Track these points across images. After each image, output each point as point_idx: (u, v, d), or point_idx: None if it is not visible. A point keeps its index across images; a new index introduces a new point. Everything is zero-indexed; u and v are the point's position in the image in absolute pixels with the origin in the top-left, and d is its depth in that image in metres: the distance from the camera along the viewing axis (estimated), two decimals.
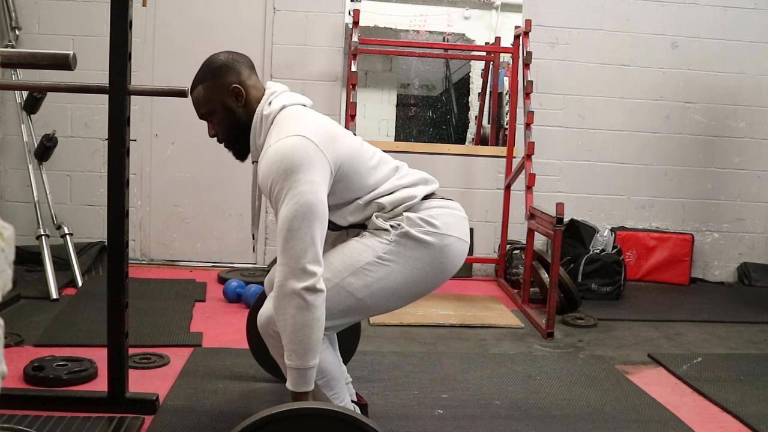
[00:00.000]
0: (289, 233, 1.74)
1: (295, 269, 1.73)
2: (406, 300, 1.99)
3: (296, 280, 1.73)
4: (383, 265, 1.90)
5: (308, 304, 1.73)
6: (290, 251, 1.74)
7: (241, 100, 1.97)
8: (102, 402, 2.30)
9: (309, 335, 1.74)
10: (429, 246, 1.92)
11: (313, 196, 1.76)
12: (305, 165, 1.77)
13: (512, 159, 4.49)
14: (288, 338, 1.76)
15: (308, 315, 1.73)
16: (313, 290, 1.74)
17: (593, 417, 2.50)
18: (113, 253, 2.26)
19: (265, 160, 1.82)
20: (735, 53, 4.73)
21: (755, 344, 3.52)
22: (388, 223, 1.92)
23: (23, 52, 1.45)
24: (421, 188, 2.01)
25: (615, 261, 4.28)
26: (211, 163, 4.50)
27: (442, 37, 4.72)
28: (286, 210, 1.75)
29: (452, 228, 1.97)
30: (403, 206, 1.95)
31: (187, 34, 4.40)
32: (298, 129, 1.83)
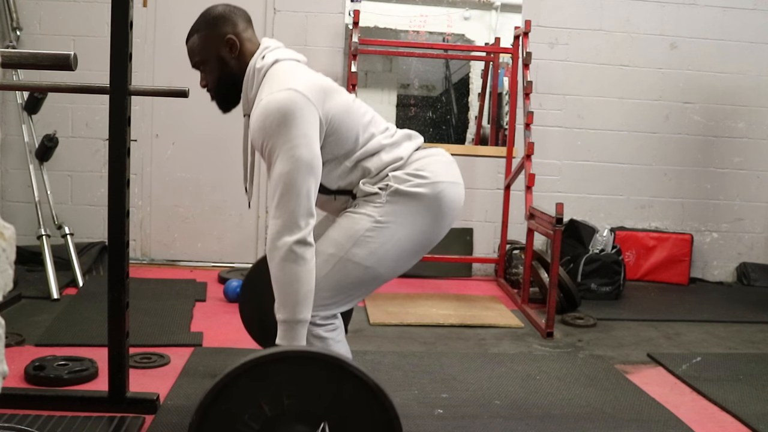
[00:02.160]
0: (284, 187, 1.75)
1: (288, 223, 1.75)
2: (415, 257, 1.99)
3: (289, 233, 1.74)
4: (383, 228, 1.89)
5: (298, 257, 1.74)
6: (284, 205, 1.75)
7: (234, 51, 1.96)
8: (102, 401, 2.31)
9: (298, 288, 1.75)
10: (422, 197, 1.92)
11: (308, 150, 1.77)
12: (298, 119, 1.76)
13: (512, 159, 4.50)
14: (279, 291, 1.77)
15: (299, 268, 1.75)
16: (304, 243, 1.75)
17: (593, 416, 2.50)
18: (114, 253, 2.27)
19: (257, 114, 1.82)
20: (734, 53, 4.74)
21: (754, 344, 3.52)
22: (376, 187, 1.91)
23: (24, 53, 1.46)
24: (406, 146, 2.00)
25: (614, 261, 4.28)
26: (212, 163, 4.51)
27: (442, 37, 4.73)
28: (281, 165, 1.76)
29: (441, 174, 1.96)
30: (389, 168, 1.94)
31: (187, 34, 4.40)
32: (291, 83, 1.82)
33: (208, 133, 4.49)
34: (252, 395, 1.50)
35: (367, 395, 1.51)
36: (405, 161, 1.96)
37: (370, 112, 2.02)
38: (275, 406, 1.50)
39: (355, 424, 1.52)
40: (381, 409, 1.52)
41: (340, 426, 1.51)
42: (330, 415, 1.51)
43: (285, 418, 1.51)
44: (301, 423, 1.51)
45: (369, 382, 1.51)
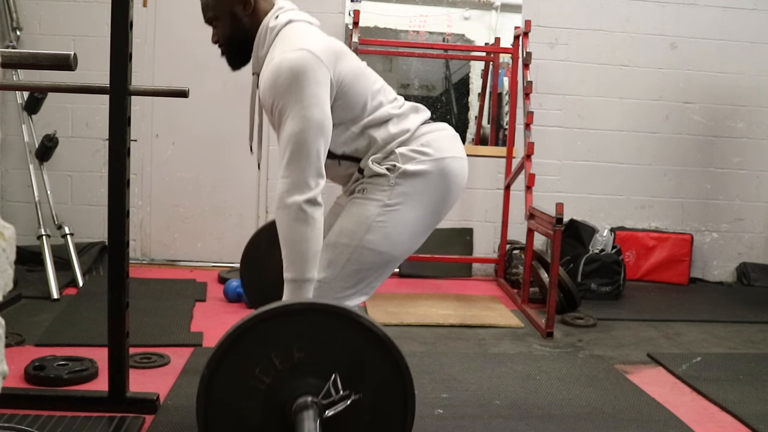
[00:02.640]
0: (295, 146, 1.75)
1: (298, 182, 1.74)
2: (426, 233, 2.01)
3: (299, 193, 1.74)
4: (393, 211, 1.90)
5: (308, 217, 1.74)
6: (294, 165, 1.75)
7: (248, 8, 1.96)
8: (102, 401, 2.31)
9: (308, 248, 1.76)
10: (428, 174, 1.92)
11: (319, 110, 1.77)
12: (310, 80, 1.76)
13: (512, 159, 4.50)
14: (287, 250, 1.77)
15: (308, 228, 1.75)
16: (313, 203, 1.75)
17: (593, 416, 2.50)
18: (114, 252, 2.27)
19: (268, 73, 1.82)
20: (734, 53, 4.74)
21: (754, 344, 3.52)
22: (383, 167, 1.91)
23: (24, 53, 1.46)
24: (413, 118, 2.00)
25: (614, 261, 4.28)
26: (212, 163, 4.51)
27: (442, 37, 4.73)
28: (291, 124, 1.75)
29: (445, 150, 1.97)
30: (396, 142, 1.94)
31: (187, 34, 4.41)
32: (303, 43, 1.82)
33: (208, 133, 4.49)
34: (262, 349, 1.51)
35: (377, 347, 1.52)
36: (411, 135, 1.96)
37: (380, 80, 2.02)
38: (286, 360, 1.51)
39: (365, 376, 1.53)
40: (391, 360, 1.52)
41: (351, 377, 1.52)
42: (340, 367, 1.52)
43: (296, 372, 1.52)
44: (312, 376, 1.52)
45: (379, 333, 1.52)
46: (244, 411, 1.53)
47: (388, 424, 1.57)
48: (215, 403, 1.52)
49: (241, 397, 1.52)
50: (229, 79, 4.44)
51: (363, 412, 1.54)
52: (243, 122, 4.70)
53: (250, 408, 1.53)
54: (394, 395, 1.55)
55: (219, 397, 1.52)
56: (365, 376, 1.54)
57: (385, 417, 1.56)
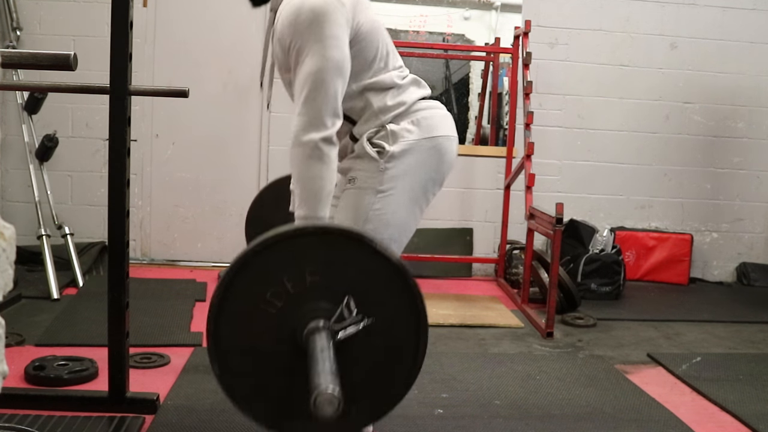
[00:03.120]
0: (313, 85, 1.73)
1: (314, 120, 1.73)
2: (421, 212, 2.00)
3: (315, 130, 1.73)
4: (387, 197, 1.89)
5: (323, 155, 1.73)
6: (312, 102, 1.73)
7: None
8: (103, 401, 2.31)
9: (322, 186, 1.75)
10: (417, 154, 1.91)
11: (339, 51, 1.76)
12: (331, 21, 1.75)
13: (512, 159, 4.50)
14: (300, 187, 1.76)
15: (323, 165, 1.74)
16: (329, 141, 1.74)
17: (593, 416, 2.50)
18: (114, 253, 2.27)
19: (287, 11, 1.79)
20: (734, 54, 4.74)
21: (754, 344, 3.52)
22: (374, 150, 1.90)
23: (24, 53, 1.46)
24: (412, 92, 1.98)
25: (614, 261, 4.29)
26: (212, 164, 4.51)
27: (442, 37, 4.73)
28: (310, 63, 1.74)
29: (434, 128, 1.96)
30: (390, 115, 1.93)
31: (187, 34, 4.41)
32: None
33: (208, 133, 4.49)
34: (274, 272, 1.48)
35: (391, 272, 1.50)
36: (406, 109, 1.95)
37: (392, 45, 2.01)
38: (298, 283, 1.49)
39: (378, 302, 1.51)
40: (404, 286, 1.50)
41: (364, 303, 1.49)
42: (353, 292, 1.49)
43: (308, 295, 1.49)
44: (325, 299, 1.49)
45: (392, 259, 1.49)
46: (255, 336, 1.51)
47: (401, 352, 1.55)
48: (225, 328, 1.49)
49: (251, 321, 1.50)
50: (229, 80, 4.46)
51: (375, 339, 1.52)
52: (243, 122, 4.72)
53: (260, 333, 1.50)
54: (406, 322, 1.52)
55: (229, 321, 1.49)
56: (378, 302, 1.51)
57: (397, 344, 1.54)
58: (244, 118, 4.50)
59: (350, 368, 1.51)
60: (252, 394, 1.54)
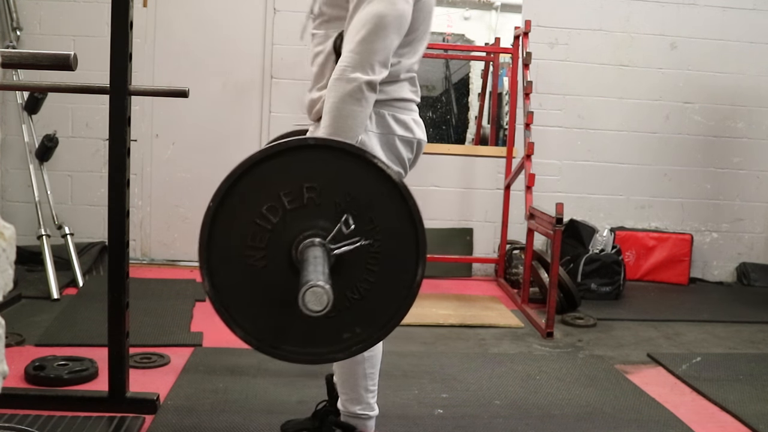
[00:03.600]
0: (373, 27, 1.70)
1: (365, 61, 1.70)
2: None
3: (362, 71, 1.70)
4: None
5: (363, 98, 1.70)
6: (368, 44, 1.70)
7: None
8: (103, 401, 2.31)
9: (352, 126, 1.71)
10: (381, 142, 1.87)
11: (407, 6, 1.74)
12: None
13: (512, 159, 4.50)
14: (331, 120, 1.71)
15: (359, 108, 1.71)
16: (373, 87, 1.71)
17: (592, 416, 2.50)
18: (114, 253, 2.27)
19: None
20: (734, 54, 4.74)
21: (754, 344, 3.52)
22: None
23: (24, 53, 1.46)
24: (402, 89, 1.95)
25: (614, 261, 4.29)
26: (212, 163, 4.50)
27: (442, 37, 4.72)
28: (379, 5, 1.71)
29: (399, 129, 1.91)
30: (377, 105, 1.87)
31: (187, 34, 4.41)
32: None
33: (208, 133, 4.49)
34: (271, 186, 1.44)
35: (390, 189, 1.46)
36: (384, 99, 1.88)
37: (428, 36, 1.97)
38: (295, 199, 1.44)
39: (376, 220, 1.46)
40: (404, 207, 1.46)
41: (362, 219, 1.45)
42: (351, 210, 1.44)
43: (305, 212, 1.45)
44: (321, 217, 1.45)
45: (392, 175, 1.45)
46: (249, 252, 1.46)
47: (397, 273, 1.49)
48: (218, 242, 1.45)
49: (246, 235, 1.45)
50: (228, 79, 4.46)
51: (372, 260, 1.47)
52: (243, 122, 4.71)
53: (254, 248, 1.46)
54: (404, 243, 1.47)
55: (223, 233, 1.45)
56: (377, 221, 1.46)
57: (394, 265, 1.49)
58: (244, 118, 4.50)
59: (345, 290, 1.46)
60: (244, 314, 1.49)
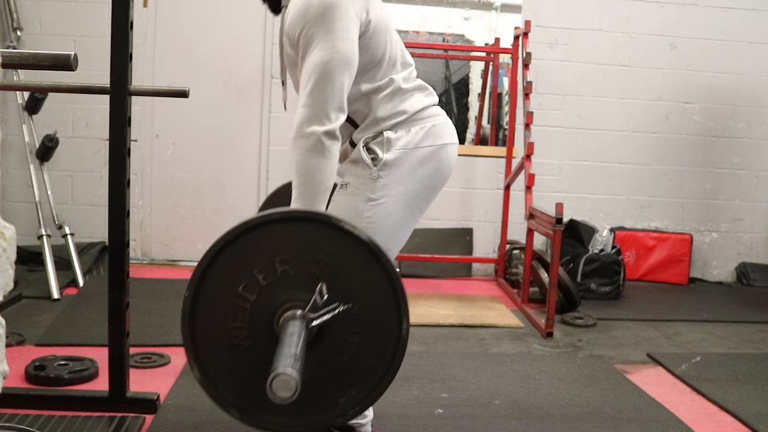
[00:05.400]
0: (321, 76, 1.71)
1: (319, 112, 1.71)
2: (414, 221, 1.97)
3: (318, 123, 1.71)
4: (379, 205, 1.87)
5: (325, 149, 1.71)
6: (318, 94, 1.71)
7: None
8: (103, 401, 2.31)
9: (321, 180, 1.72)
10: (410, 163, 1.89)
11: (349, 44, 1.74)
12: (342, 13, 1.73)
13: (512, 159, 4.51)
14: (299, 180, 1.73)
15: (323, 160, 1.71)
16: (333, 136, 1.72)
17: (592, 416, 2.51)
18: (114, 252, 2.27)
19: (298, 3, 1.77)
20: (734, 54, 4.74)
21: (754, 344, 3.53)
22: (369, 157, 1.88)
23: (25, 53, 1.46)
24: (416, 100, 1.95)
25: (614, 261, 4.29)
26: (212, 164, 4.51)
27: (442, 37, 4.73)
28: (319, 54, 1.72)
29: (433, 137, 1.93)
30: (390, 122, 1.90)
31: (187, 34, 4.41)
32: None
33: (208, 133, 4.49)
34: (244, 265, 1.46)
35: (362, 252, 1.47)
36: (407, 118, 1.91)
37: (401, 44, 1.98)
38: (269, 274, 1.46)
39: (353, 283, 1.47)
40: (377, 265, 1.47)
41: (338, 286, 1.46)
42: (326, 277, 1.46)
43: (280, 285, 1.46)
44: (298, 288, 1.46)
45: (362, 237, 1.46)
46: (232, 331, 1.47)
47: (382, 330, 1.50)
48: (201, 326, 1.46)
49: (226, 317, 1.46)
50: (229, 79, 4.46)
51: (354, 323, 1.48)
52: (243, 122, 4.71)
53: (237, 329, 1.47)
54: (384, 300, 1.48)
55: (204, 319, 1.46)
56: (353, 283, 1.47)
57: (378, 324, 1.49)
58: (244, 118, 4.50)
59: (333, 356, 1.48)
60: (238, 395, 1.50)
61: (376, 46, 1.86)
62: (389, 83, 1.90)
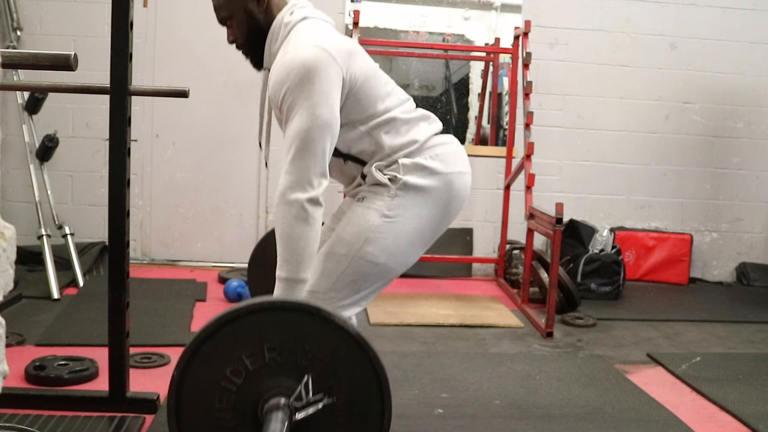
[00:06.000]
0: (301, 143, 1.73)
1: (301, 180, 1.73)
2: (423, 247, 1.98)
3: (301, 190, 1.73)
4: (392, 223, 1.88)
5: (308, 216, 1.73)
6: (299, 162, 1.74)
7: (262, 5, 1.92)
8: (103, 401, 2.31)
9: (305, 247, 1.74)
10: (430, 189, 1.91)
11: (329, 109, 1.75)
12: (322, 77, 1.75)
13: (512, 159, 4.50)
14: (283, 247, 1.75)
15: (307, 227, 1.73)
16: (315, 202, 1.74)
17: (592, 416, 2.51)
18: (114, 252, 2.27)
19: (279, 67, 1.80)
20: (734, 54, 4.74)
21: (754, 344, 3.52)
22: (386, 177, 1.89)
23: (25, 53, 1.46)
24: (423, 127, 1.97)
25: (614, 261, 4.29)
26: (212, 164, 4.51)
27: (442, 37, 4.73)
28: (300, 120, 1.74)
29: (449, 164, 1.95)
30: (402, 152, 1.92)
31: (187, 34, 4.41)
32: (317, 40, 1.80)
33: (208, 133, 4.49)
34: (232, 350, 1.48)
35: (349, 344, 1.49)
36: (419, 146, 1.93)
37: (391, 82, 2.00)
38: (257, 360, 1.48)
39: (339, 374, 1.50)
40: (364, 357, 1.49)
41: (324, 376, 1.49)
42: (313, 366, 1.49)
43: (267, 371, 1.49)
44: (284, 376, 1.48)
45: (350, 331, 1.49)
46: (217, 413, 1.50)
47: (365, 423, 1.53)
48: (187, 407, 1.49)
49: (212, 399, 1.49)
50: (229, 79, 4.46)
51: (338, 411, 1.51)
52: (243, 122, 4.70)
53: (222, 410, 1.50)
54: (369, 393, 1.51)
55: (190, 399, 1.49)
56: (339, 375, 1.50)
57: (361, 416, 1.52)
58: (245, 118, 4.50)
59: None
60: None
61: (367, 96, 1.88)
62: (390, 119, 1.92)
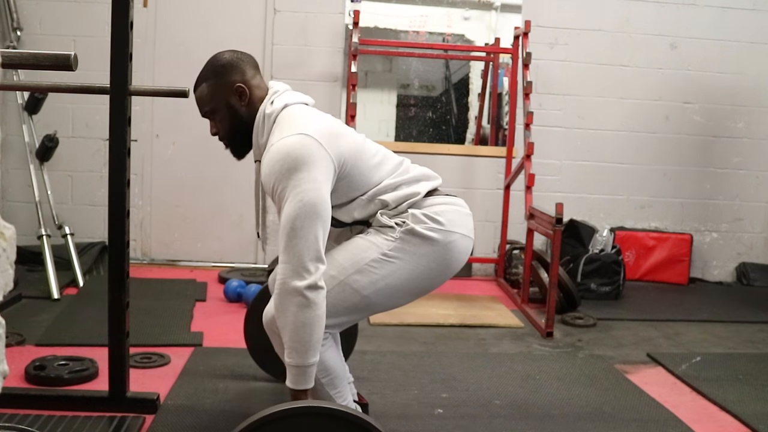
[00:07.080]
0: (292, 232, 1.75)
1: (297, 268, 1.74)
2: (410, 297, 2.00)
3: (298, 278, 1.74)
4: (389, 263, 1.90)
5: (309, 302, 1.74)
6: (293, 250, 1.75)
7: (244, 99, 1.97)
8: (103, 401, 2.31)
9: (310, 333, 1.75)
10: (434, 243, 1.93)
11: (316, 194, 1.77)
12: (308, 163, 1.77)
13: (512, 159, 4.50)
14: (289, 336, 1.76)
15: (310, 313, 1.74)
16: (314, 288, 1.75)
17: (592, 416, 2.51)
18: (114, 252, 2.27)
19: (267, 159, 1.83)
20: (734, 54, 4.74)
21: (754, 344, 3.52)
22: (393, 221, 1.93)
23: (25, 53, 1.46)
24: (424, 184, 2.01)
25: (614, 261, 4.29)
26: (212, 164, 4.51)
27: (442, 37, 4.73)
28: (289, 209, 1.76)
29: (456, 224, 1.97)
30: (407, 203, 1.95)
31: (187, 34, 4.41)
32: (301, 127, 1.83)
33: (209, 134, 4.48)
34: None
35: None
36: (422, 198, 1.97)
37: (381, 151, 2.03)
38: None
39: None
40: None
41: None
42: None
43: None
44: None
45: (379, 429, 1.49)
46: None
47: None
48: None
49: None
50: None
51: None
52: None
53: None
54: None
55: None
56: None
57: None
58: None
59: None
60: None
61: (359, 173, 1.91)
62: (388, 184, 1.96)
